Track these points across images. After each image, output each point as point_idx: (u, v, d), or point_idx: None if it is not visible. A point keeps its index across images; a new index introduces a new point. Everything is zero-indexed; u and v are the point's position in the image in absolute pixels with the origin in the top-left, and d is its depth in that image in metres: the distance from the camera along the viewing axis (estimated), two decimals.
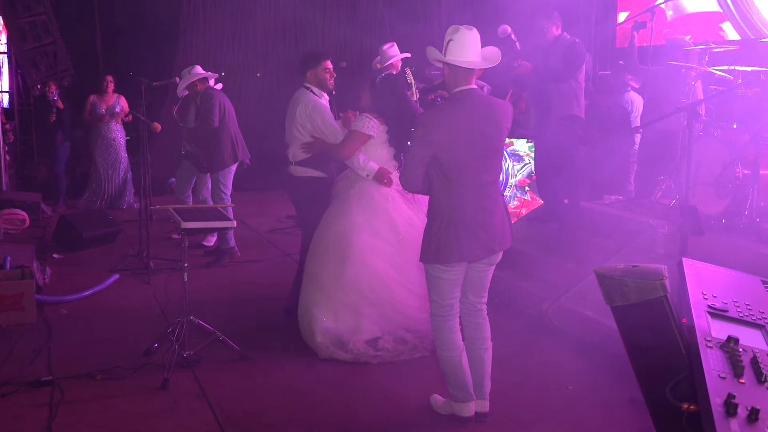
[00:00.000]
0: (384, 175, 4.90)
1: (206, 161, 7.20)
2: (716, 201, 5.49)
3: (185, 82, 7.10)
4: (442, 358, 3.77)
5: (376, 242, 4.81)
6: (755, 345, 1.99)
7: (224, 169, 7.14)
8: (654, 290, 2.17)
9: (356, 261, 4.75)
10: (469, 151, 3.54)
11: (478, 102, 3.60)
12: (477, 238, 3.58)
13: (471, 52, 3.56)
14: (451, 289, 3.70)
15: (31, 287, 5.30)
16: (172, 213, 4.69)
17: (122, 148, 9.97)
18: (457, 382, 3.76)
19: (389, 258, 4.81)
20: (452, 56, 3.55)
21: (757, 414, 1.61)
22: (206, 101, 7.03)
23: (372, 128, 4.83)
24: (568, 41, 5.97)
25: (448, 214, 3.58)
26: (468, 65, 3.55)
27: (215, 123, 6.98)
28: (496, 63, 3.66)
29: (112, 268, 6.78)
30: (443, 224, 3.58)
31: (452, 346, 3.74)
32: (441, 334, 3.75)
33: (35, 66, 10.78)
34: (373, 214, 4.87)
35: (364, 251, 4.78)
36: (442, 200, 3.60)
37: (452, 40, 3.57)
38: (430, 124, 3.53)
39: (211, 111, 6.97)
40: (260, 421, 3.86)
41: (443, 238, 3.57)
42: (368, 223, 4.84)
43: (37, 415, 3.85)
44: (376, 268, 4.76)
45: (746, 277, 2.73)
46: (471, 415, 3.79)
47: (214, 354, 4.66)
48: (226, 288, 6.33)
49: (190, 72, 7.15)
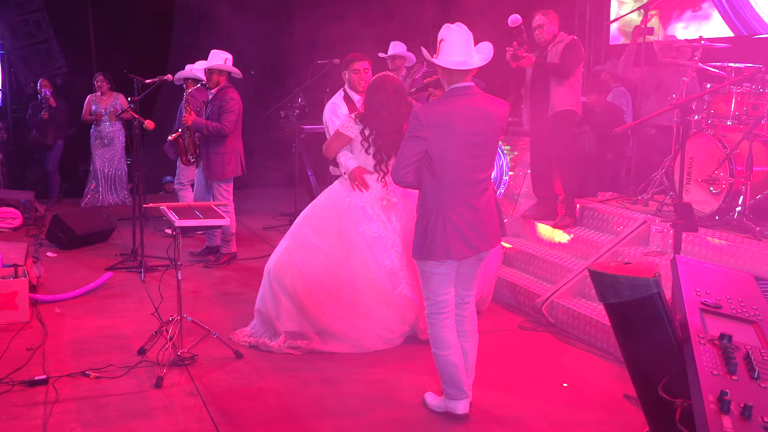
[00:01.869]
0: (357, 176, 4.86)
1: (203, 162, 6.85)
2: (710, 198, 5.51)
3: (220, 65, 6.57)
4: (436, 356, 3.78)
5: (313, 239, 4.86)
6: (748, 341, 2.00)
7: (223, 179, 6.82)
8: (647, 287, 2.18)
9: (285, 250, 4.91)
10: (461, 149, 3.54)
11: (474, 99, 3.59)
12: (464, 236, 3.58)
13: (462, 52, 3.55)
14: (444, 284, 3.71)
15: (24, 286, 5.28)
16: (165, 211, 4.68)
17: (121, 147, 9.98)
18: (451, 381, 3.77)
19: (320, 257, 4.82)
20: (444, 57, 3.55)
21: (749, 410, 1.62)
22: (227, 102, 6.54)
23: (352, 130, 4.81)
24: (567, 39, 5.97)
25: (436, 212, 3.58)
26: (458, 66, 3.54)
27: (229, 129, 6.57)
28: (487, 61, 3.64)
29: (106, 266, 6.76)
30: (431, 222, 3.59)
31: (447, 344, 3.74)
32: (436, 332, 3.75)
33: (28, 64, 10.73)
34: (325, 213, 4.93)
35: (296, 244, 4.89)
36: (431, 198, 3.60)
37: (443, 40, 3.58)
38: (425, 120, 3.52)
39: (230, 114, 6.54)
40: (255, 418, 3.86)
41: (431, 235, 3.58)
42: (317, 220, 4.93)
43: (32, 414, 3.84)
44: (301, 262, 4.83)
45: (739, 273, 2.74)
46: (465, 413, 3.81)
47: (208, 352, 4.66)
48: (221, 286, 6.33)
49: (229, 59, 6.62)
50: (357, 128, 4.78)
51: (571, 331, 5.14)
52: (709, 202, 5.50)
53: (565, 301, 5.29)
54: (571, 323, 5.16)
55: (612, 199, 6.47)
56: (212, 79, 6.65)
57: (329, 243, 4.83)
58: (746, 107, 5.52)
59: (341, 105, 5.36)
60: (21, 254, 6.09)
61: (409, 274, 4.83)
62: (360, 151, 4.84)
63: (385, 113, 4.68)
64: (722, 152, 5.42)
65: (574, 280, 5.45)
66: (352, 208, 4.87)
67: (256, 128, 10.26)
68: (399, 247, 4.85)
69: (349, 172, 4.89)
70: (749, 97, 5.51)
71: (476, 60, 3.58)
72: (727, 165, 5.37)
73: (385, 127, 4.72)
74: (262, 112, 9.77)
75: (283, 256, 4.89)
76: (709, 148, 5.56)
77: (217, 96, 6.66)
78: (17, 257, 5.94)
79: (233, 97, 6.59)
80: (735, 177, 5.34)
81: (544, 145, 6.19)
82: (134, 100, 6.83)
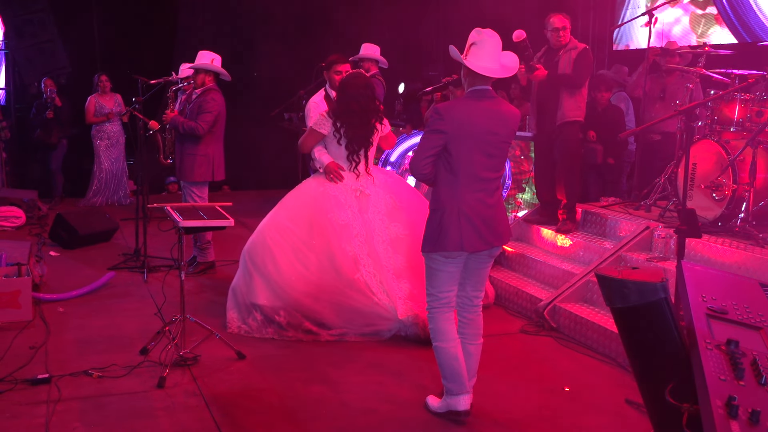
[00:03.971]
0: (331, 169, 5.25)
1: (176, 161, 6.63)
2: (713, 204, 5.51)
3: (205, 65, 6.43)
4: (437, 349, 3.82)
5: (286, 223, 5.21)
6: (755, 347, 2.00)
7: (191, 181, 6.54)
8: (654, 292, 2.18)
9: (259, 231, 5.31)
10: (478, 147, 3.65)
11: (492, 102, 3.72)
12: (478, 230, 3.67)
13: (491, 59, 3.66)
14: (449, 281, 3.78)
15: (27, 285, 5.28)
16: (169, 211, 4.68)
17: (122, 146, 10.03)
18: (452, 375, 3.80)
19: (291, 239, 5.14)
20: (473, 60, 3.66)
21: (758, 416, 1.62)
22: (207, 102, 6.37)
23: (325, 126, 5.19)
24: (580, 47, 5.96)
25: (450, 205, 3.67)
26: (487, 73, 3.65)
27: (203, 130, 6.34)
28: (512, 73, 3.80)
29: (109, 266, 6.77)
30: (446, 214, 3.67)
31: (448, 336, 3.80)
32: (436, 324, 3.81)
33: (32, 63, 10.74)
34: (299, 201, 5.30)
35: (270, 226, 5.27)
36: (446, 191, 3.70)
37: (475, 44, 3.68)
38: (446, 115, 3.64)
39: (207, 114, 6.34)
40: (256, 419, 3.86)
41: (445, 227, 3.65)
42: (291, 206, 5.31)
43: (34, 413, 3.84)
44: (273, 242, 5.15)
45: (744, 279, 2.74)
46: (466, 409, 3.83)
47: (210, 352, 4.66)
48: (223, 286, 6.32)
49: (216, 60, 6.48)
50: (329, 124, 5.17)
51: (574, 335, 5.14)
52: (712, 209, 5.50)
53: (567, 306, 5.29)
54: (574, 328, 5.16)
55: (614, 204, 6.47)
56: (198, 78, 6.50)
57: (300, 226, 5.18)
58: (750, 114, 5.53)
59: (321, 104, 5.82)
60: (24, 253, 6.09)
61: (369, 263, 5.08)
62: (333, 145, 5.24)
63: (355, 106, 5.10)
64: (726, 159, 5.42)
65: (577, 285, 5.45)
66: (325, 197, 5.22)
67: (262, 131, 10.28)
68: (362, 237, 5.14)
69: (324, 166, 5.28)
70: (753, 104, 5.52)
71: (502, 71, 3.70)
72: (731, 171, 5.38)
73: (354, 120, 5.13)
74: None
75: (257, 236, 5.29)
76: (712, 155, 5.56)
77: (199, 96, 6.49)
78: (20, 256, 5.94)
79: (214, 98, 6.41)
80: (738, 183, 5.34)
81: (550, 152, 6.19)
82: (139, 101, 6.82)
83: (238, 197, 7.29)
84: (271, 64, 11.48)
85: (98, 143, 9.90)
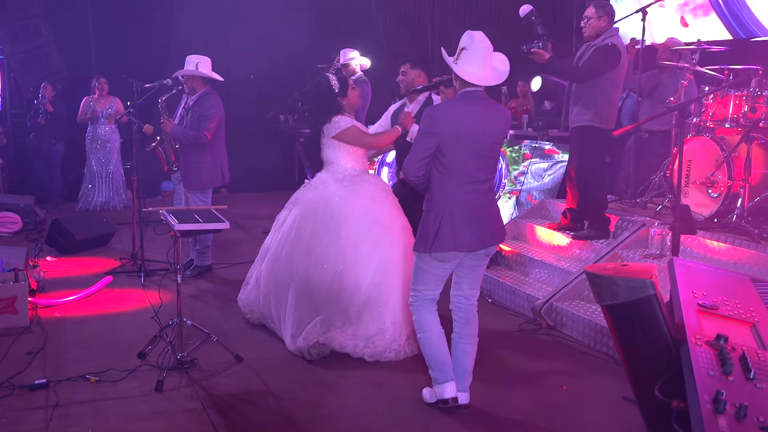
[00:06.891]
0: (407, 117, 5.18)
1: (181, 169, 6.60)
2: (708, 200, 5.52)
3: (191, 71, 6.35)
4: (420, 340, 3.92)
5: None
6: (744, 342, 2.01)
7: (198, 189, 6.53)
8: (643, 289, 2.19)
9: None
10: (470, 148, 3.66)
11: (483, 103, 3.73)
12: (472, 229, 3.70)
13: (481, 65, 3.66)
14: (436, 283, 3.85)
15: (24, 290, 5.28)
16: (164, 215, 4.69)
17: (116, 150, 10.00)
18: (436, 363, 3.87)
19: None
20: (463, 65, 3.66)
21: (745, 411, 1.63)
22: (207, 108, 6.32)
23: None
24: (604, 42, 5.41)
25: (443, 206, 3.69)
26: (476, 81, 3.66)
27: (209, 137, 6.32)
28: (504, 78, 3.77)
29: (106, 270, 6.77)
30: (439, 216, 3.69)
31: (428, 326, 3.88)
32: (419, 316, 3.89)
33: (28, 69, 10.75)
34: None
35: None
36: (439, 193, 3.72)
37: (465, 49, 3.68)
38: (439, 117, 3.66)
39: (209, 120, 6.30)
40: (255, 422, 3.86)
41: (439, 228, 3.68)
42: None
43: (32, 418, 3.84)
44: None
45: (736, 275, 2.75)
46: (453, 396, 3.88)
47: (208, 356, 4.67)
48: (220, 290, 6.33)
49: (201, 63, 6.36)
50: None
51: (571, 333, 5.15)
52: (708, 205, 5.52)
53: (564, 304, 5.30)
54: (570, 326, 5.16)
55: (610, 202, 6.47)
56: (188, 84, 6.47)
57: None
58: (744, 110, 5.54)
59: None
60: (21, 259, 6.09)
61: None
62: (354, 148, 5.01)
63: None
64: (720, 155, 5.43)
65: (573, 283, 5.45)
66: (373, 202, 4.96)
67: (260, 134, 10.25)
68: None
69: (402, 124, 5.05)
70: (747, 100, 5.53)
71: (492, 77, 3.71)
72: (726, 167, 5.39)
73: None
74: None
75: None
76: (707, 151, 5.58)
77: (197, 102, 6.43)
78: (17, 262, 5.94)
79: (214, 104, 6.37)
80: (733, 179, 5.36)
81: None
82: (133, 105, 6.82)
83: (232, 200, 7.28)
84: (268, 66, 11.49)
85: (89, 146, 9.90)
